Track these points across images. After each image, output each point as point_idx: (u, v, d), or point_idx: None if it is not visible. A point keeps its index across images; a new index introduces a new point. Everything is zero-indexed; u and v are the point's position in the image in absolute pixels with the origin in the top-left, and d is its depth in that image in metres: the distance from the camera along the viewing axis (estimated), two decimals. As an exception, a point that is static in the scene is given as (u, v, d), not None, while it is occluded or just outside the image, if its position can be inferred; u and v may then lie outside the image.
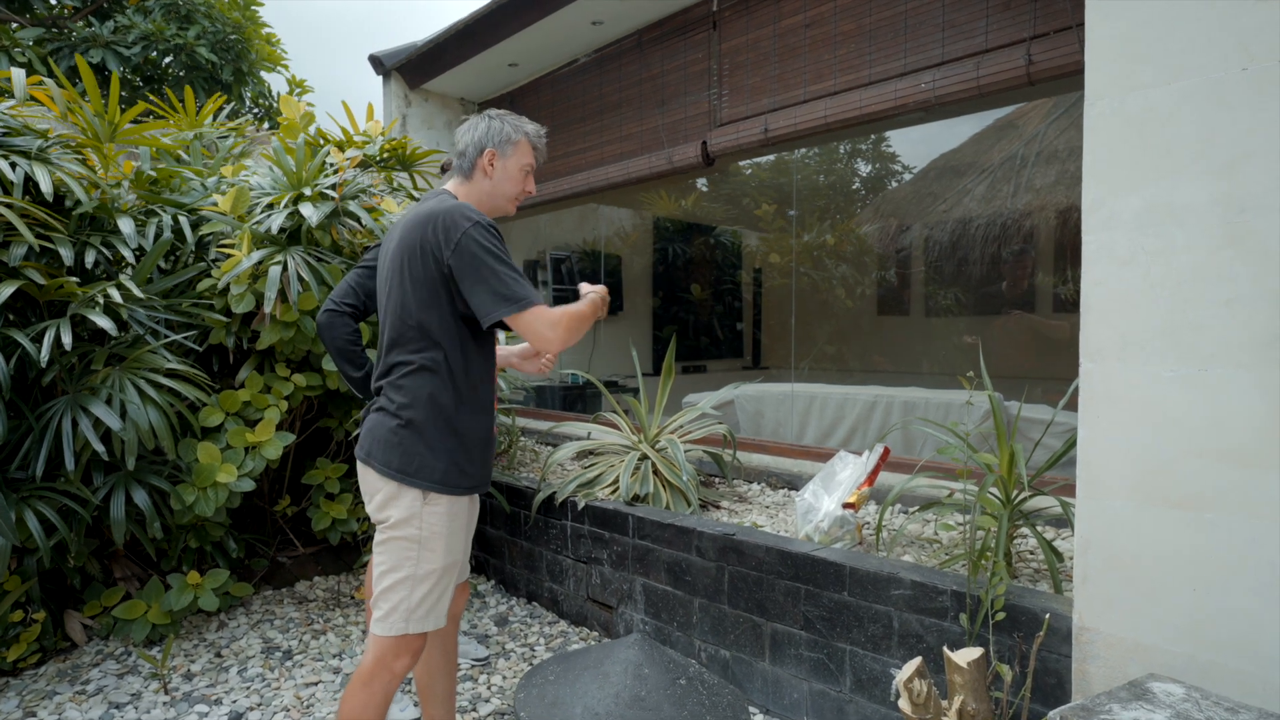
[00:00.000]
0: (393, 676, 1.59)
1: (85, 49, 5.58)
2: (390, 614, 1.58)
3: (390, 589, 1.59)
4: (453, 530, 1.62)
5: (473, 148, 1.72)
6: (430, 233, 1.57)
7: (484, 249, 1.53)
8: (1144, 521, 1.51)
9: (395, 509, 1.59)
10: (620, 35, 4.35)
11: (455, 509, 1.63)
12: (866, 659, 2.05)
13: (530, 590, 3.23)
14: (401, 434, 1.59)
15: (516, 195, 1.78)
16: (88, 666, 2.60)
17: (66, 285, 2.40)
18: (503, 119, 1.74)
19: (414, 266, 1.58)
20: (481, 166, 1.72)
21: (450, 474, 1.61)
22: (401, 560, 1.58)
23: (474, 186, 1.73)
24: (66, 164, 2.58)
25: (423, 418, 1.59)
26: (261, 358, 2.98)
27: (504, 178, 1.74)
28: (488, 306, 1.53)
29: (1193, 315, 1.44)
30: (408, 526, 1.58)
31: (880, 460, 2.54)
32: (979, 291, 5.77)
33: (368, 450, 1.64)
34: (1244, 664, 1.40)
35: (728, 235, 7.61)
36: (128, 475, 2.55)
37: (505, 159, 1.73)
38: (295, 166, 2.96)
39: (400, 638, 1.58)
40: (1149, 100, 1.49)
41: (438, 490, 1.59)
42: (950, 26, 2.92)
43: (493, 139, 1.71)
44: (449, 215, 1.56)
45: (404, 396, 1.60)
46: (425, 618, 1.60)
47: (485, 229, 1.55)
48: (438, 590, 1.61)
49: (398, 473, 1.58)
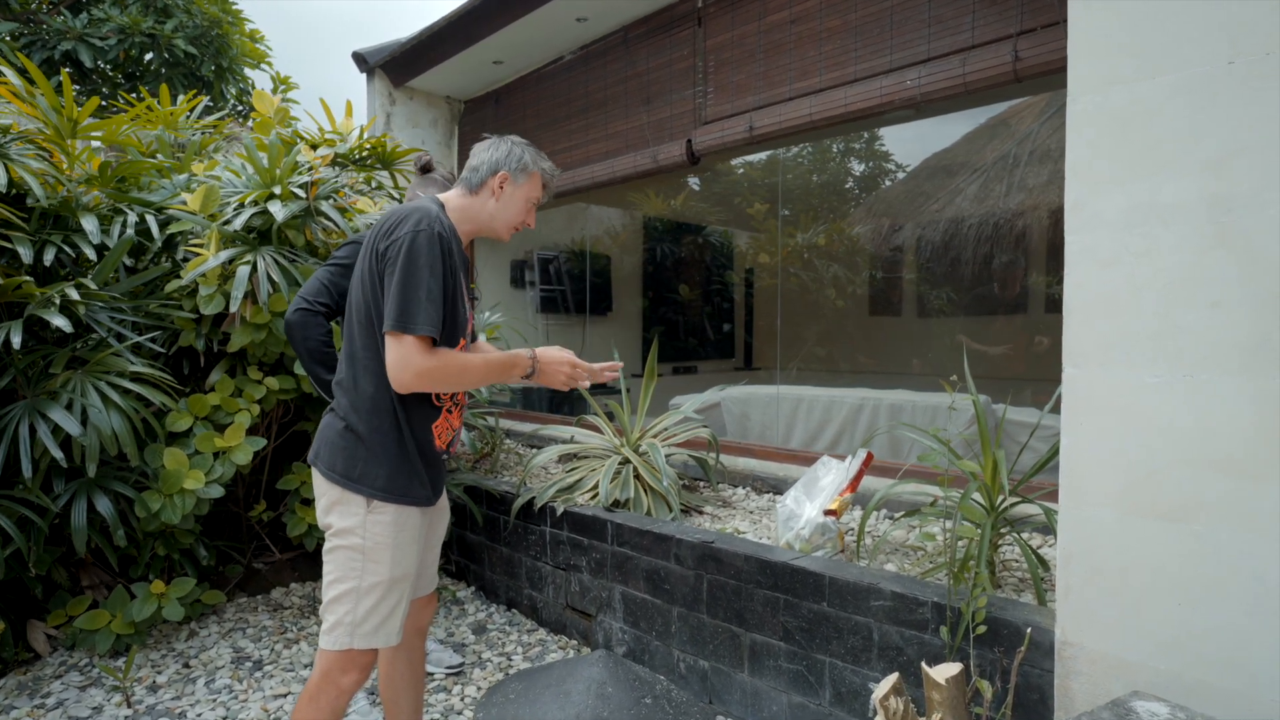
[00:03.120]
0: (340, 692, 1.53)
1: (58, 42, 5.49)
2: (335, 627, 1.52)
3: (335, 601, 1.52)
4: (400, 542, 1.55)
5: (487, 166, 1.67)
6: (382, 227, 1.52)
7: (411, 256, 1.45)
8: (1128, 533, 1.45)
9: (338, 515, 1.53)
10: (606, 32, 4.28)
11: (403, 519, 1.56)
12: (846, 671, 1.99)
13: (510, 597, 3.17)
14: (347, 438, 1.54)
15: (515, 224, 1.73)
16: (50, 678, 2.52)
17: (25, 286, 2.33)
18: (524, 147, 1.71)
19: (369, 265, 1.53)
20: (491, 187, 1.67)
21: (395, 483, 1.54)
22: (346, 571, 1.52)
23: (476, 203, 1.68)
24: (27, 160, 2.50)
25: (366, 423, 1.54)
26: (233, 360, 2.91)
27: (509, 204, 1.69)
28: (387, 315, 1.46)
29: (1179, 319, 1.39)
30: (351, 535, 1.52)
31: (863, 466, 2.49)
32: (971, 292, 5.73)
33: (316, 452, 1.59)
34: (1231, 682, 1.34)
35: (718, 235, 7.56)
36: (90, 482, 2.47)
37: (516, 186, 1.69)
38: (268, 163, 2.89)
39: (346, 653, 1.52)
40: (1133, 95, 1.43)
41: (381, 498, 1.53)
42: (936, 22, 2.86)
43: (510, 163, 1.68)
44: (408, 214, 1.50)
45: (349, 400, 1.56)
46: (373, 633, 1.53)
47: (431, 239, 1.47)
48: (386, 605, 1.54)
49: (341, 477, 1.52)
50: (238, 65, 6.88)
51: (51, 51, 5.73)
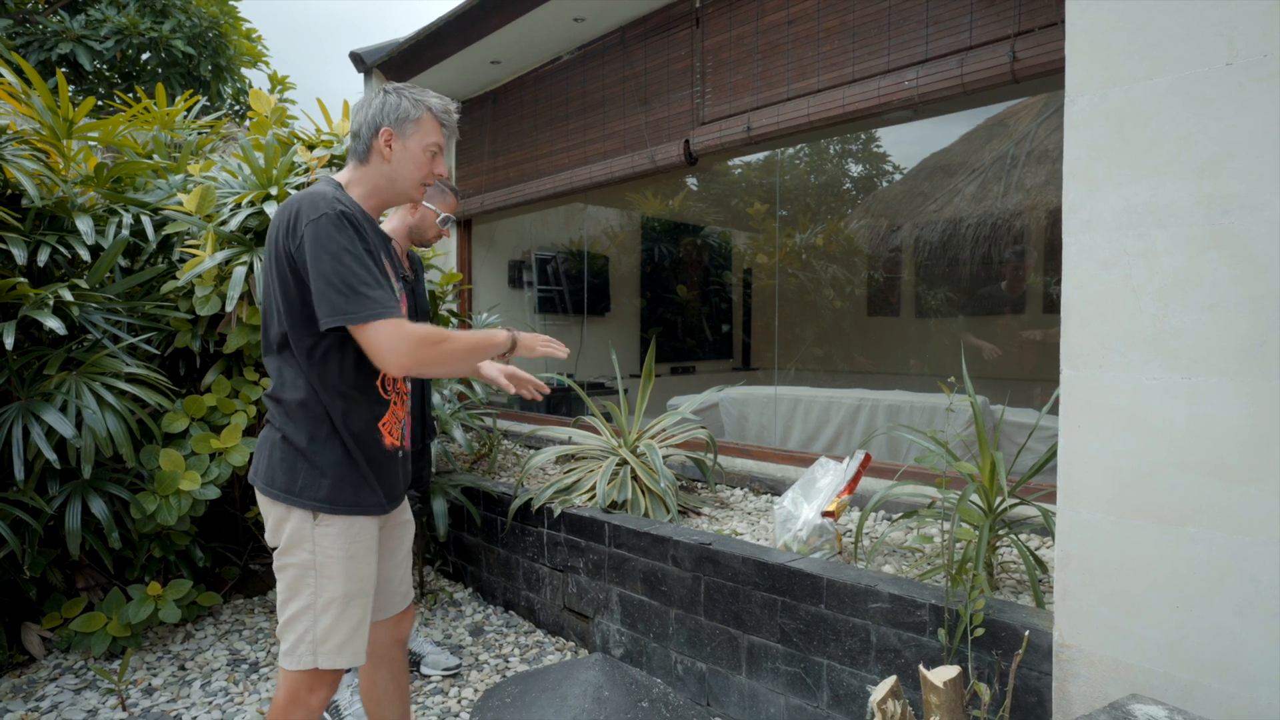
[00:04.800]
0: (309, 712, 1.46)
1: (55, 43, 5.47)
2: (297, 645, 1.44)
3: (292, 620, 1.45)
4: (353, 554, 1.46)
5: (366, 127, 1.49)
6: (281, 225, 1.41)
7: (323, 244, 1.34)
8: (1125, 535, 1.45)
9: (285, 533, 1.44)
10: (603, 32, 4.28)
11: (355, 530, 1.47)
12: (844, 674, 1.99)
13: (507, 599, 3.16)
14: (284, 449, 1.45)
15: (422, 179, 1.54)
16: (44, 681, 2.51)
17: (19, 287, 2.32)
18: (400, 93, 1.51)
19: (274, 262, 1.43)
20: (378, 149, 1.49)
21: (339, 492, 1.45)
22: (299, 589, 1.44)
23: (370, 171, 1.51)
24: (22, 160, 2.49)
25: (302, 432, 1.44)
26: (229, 361, 2.90)
27: (404, 160, 1.50)
28: (323, 312, 1.35)
29: (1175, 320, 1.38)
30: (299, 551, 1.44)
31: (861, 467, 2.48)
32: (970, 292, 5.72)
33: (255, 468, 1.50)
34: (1227, 685, 1.34)
35: (716, 235, 7.55)
36: (84, 484, 2.46)
37: (405, 138, 1.50)
38: (264, 164, 2.88)
39: (311, 671, 1.45)
40: (1130, 95, 1.43)
41: (327, 510, 1.44)
42: (934, 23, 2.86)
43: (388, 117, 1.48)
44: (300, 205, 1.39)
45: (280, 410, 1.47)
46: (337, 652, 1.45)
47: (333, 220, 1.35)
48: (347, 622, 1.46)
49: (283, 492, 1.43)
50: (235, 65, 6.86)
51: (49, 53, 5.71)
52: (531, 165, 4.84)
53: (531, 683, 2.12)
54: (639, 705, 1.97)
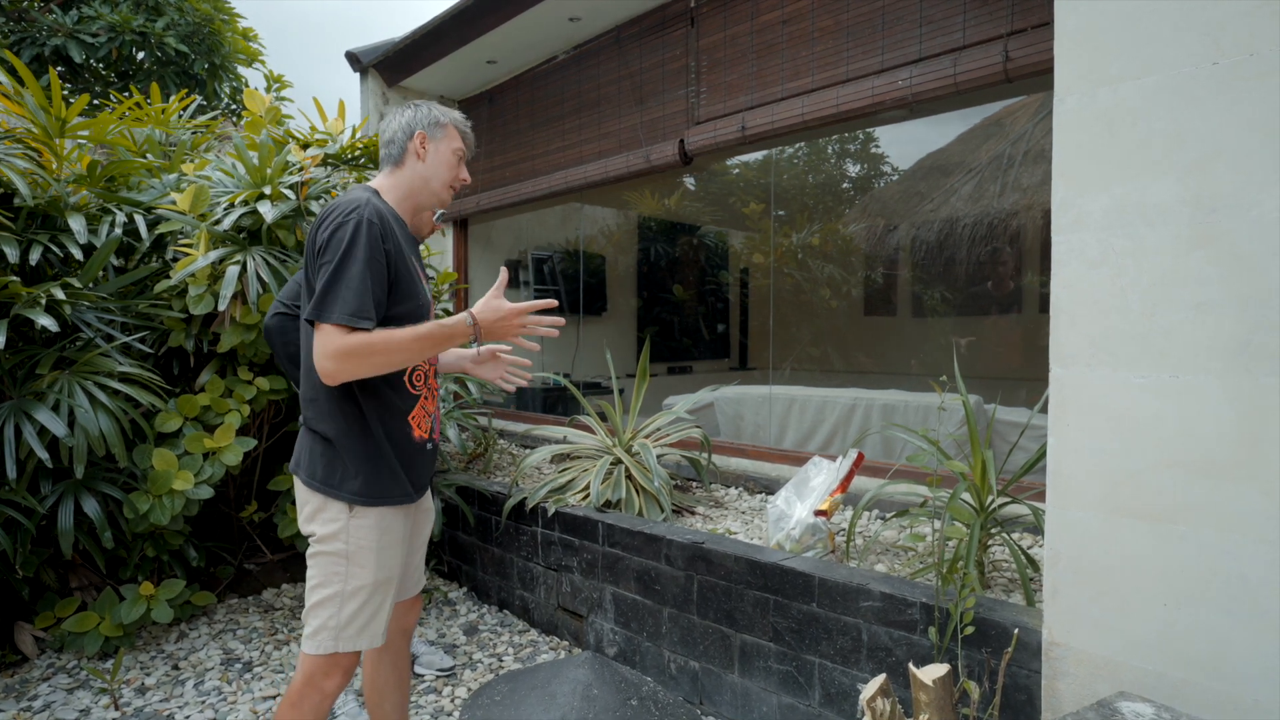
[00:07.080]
0: (323, 696, 1.52)
1: (48, 39, 5.44)
2: (319, 631, 1.51)
3: (319, 605, 1.52)
4: (384, 545, 1.55)
5: (402, 133, 1.62)
6: (317, 225, 1.48)
7: (340, 243, 1.41)
8: (1114, 534, 1.45)
9: (321, 522, 1.52)
10: (599, 32, 4.28)
11: (386, 522, 1.55)
12: (836, 672, 1.99)
13: (502, 598, 3.16)
14: (322, 445, 1.54)
15: (451, 181, 1.67)
16: (37, 681, 2.51)
17: (11, 286, 2.31)
18: (429, 106, 1.66)
19: (309, 263, 1.51)
20: (414, 150, 1.62)
21: (374, 485, 1.53)
22: (330, 576, 1.51)
23: (406, 174, 1.63)
24: (14, 159, 2.49)
25: (336, 428, 1.52)
26: (223, 361, 2.89)
27: (437, 162, 1.64)
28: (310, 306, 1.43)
29: (1163, 319, 1.39)
30: (335, 541, 1.51)
31: (854, 466, 2.49)
32: (966, 291, 5.73)
33: (297, 460, 1.58)
34: (1215, 682, 1.34)
35: (713, 235, 7.56)
36: (77, 483, 2.46)
37: (436, 142, 1.64)
38: (259, 163, 2.88)
39: (330, 656, 1.51)
40: (1119, 95, 1.43)
41: (362, 503, 1.52)
42: (928, 22, 2.86)
43: (421, 122, 1.63)
44: (337, 205, 1.47)
45: (314, 409, 1.54)
46: (357, 636, 1.53)
47: (357, 227, 1.42)
48: (370, 607, 1.54)
49: (322, 484, 1.51)
50: (230, 64, 6.85)
51: (41, 48, 5.69)
52: (528, 165, 4.84)
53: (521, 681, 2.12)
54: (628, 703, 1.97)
